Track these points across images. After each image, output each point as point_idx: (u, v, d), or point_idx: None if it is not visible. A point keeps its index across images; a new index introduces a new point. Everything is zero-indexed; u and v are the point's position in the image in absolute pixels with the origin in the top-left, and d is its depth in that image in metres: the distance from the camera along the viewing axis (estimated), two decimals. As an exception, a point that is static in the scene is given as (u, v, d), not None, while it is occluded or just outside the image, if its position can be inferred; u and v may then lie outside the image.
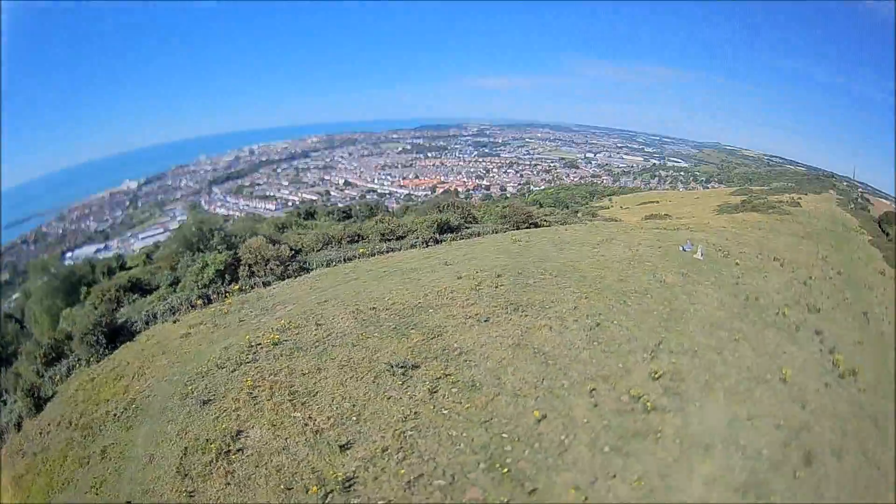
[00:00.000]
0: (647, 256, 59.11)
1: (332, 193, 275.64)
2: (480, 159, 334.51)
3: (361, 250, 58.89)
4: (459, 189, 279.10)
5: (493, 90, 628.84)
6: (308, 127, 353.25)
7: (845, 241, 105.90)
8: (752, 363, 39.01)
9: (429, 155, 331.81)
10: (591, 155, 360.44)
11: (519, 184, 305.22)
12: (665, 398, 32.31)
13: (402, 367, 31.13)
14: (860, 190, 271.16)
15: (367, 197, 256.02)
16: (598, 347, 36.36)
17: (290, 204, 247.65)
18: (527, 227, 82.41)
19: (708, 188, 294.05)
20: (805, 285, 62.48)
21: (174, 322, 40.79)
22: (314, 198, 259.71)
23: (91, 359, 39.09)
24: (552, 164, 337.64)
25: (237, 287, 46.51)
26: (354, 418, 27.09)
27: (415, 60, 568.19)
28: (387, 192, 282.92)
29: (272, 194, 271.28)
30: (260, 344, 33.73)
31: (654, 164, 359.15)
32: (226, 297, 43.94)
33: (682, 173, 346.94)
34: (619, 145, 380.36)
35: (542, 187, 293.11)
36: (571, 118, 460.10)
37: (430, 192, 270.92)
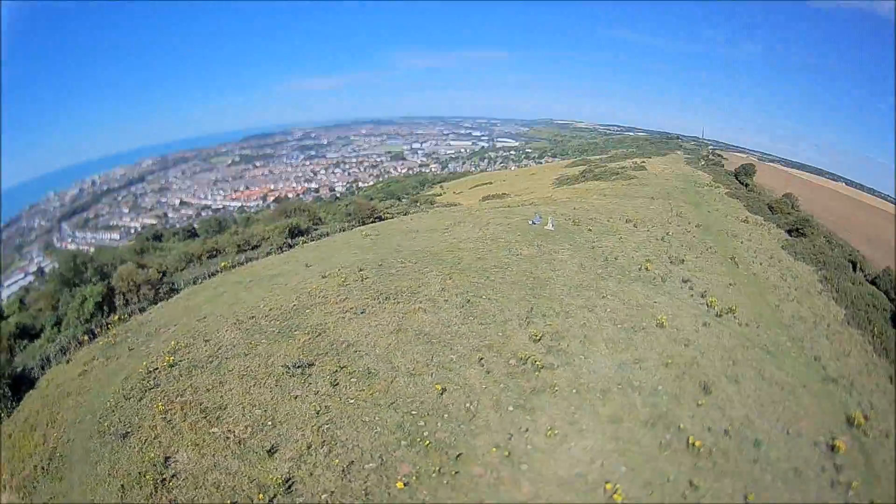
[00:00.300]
0: (498, 234, 61.15)
1: (170, 215, 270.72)
2: (308, 162, 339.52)
3: (223, 264, 58.30)
4: (290, 195, 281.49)
5: (317, 91, 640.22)
6: (144, 149, 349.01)
7: (700, 197, 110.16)
8: (625, 315, 41.65)
9: (257, 165, 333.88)
10: (417, 145, 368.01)
11: (347, 182, 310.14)
12: (550, 356, 34.42)
13: (298, 366, 31.66)
14: (710, 147, 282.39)
15: (203, 214, 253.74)
16: (474, 321, 38.13)
17: (132, 231, 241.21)
18: (372, 222, 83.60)
19: (541, 163, 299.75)
20: (663, 241, 65.72)
21: (67, 362, 39.10)
22: (153, 222, 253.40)
23: (2, 414, 38.01)
24: (379, 159, 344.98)
25: (117, 317, 45.06)
26: (270, 423, 27.43)
27: (237, 69, 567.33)
28: (220, 206, 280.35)
29: (115, 223, 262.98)
30: (157, 368, 33.35)
31: (483, 147, 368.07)
32: (109, 328, 42.84)
33: (512, 152, 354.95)
34: (444, 133, 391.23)
35: (371, 183, 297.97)
36: (396, 111, 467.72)
37: (261, 202, 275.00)
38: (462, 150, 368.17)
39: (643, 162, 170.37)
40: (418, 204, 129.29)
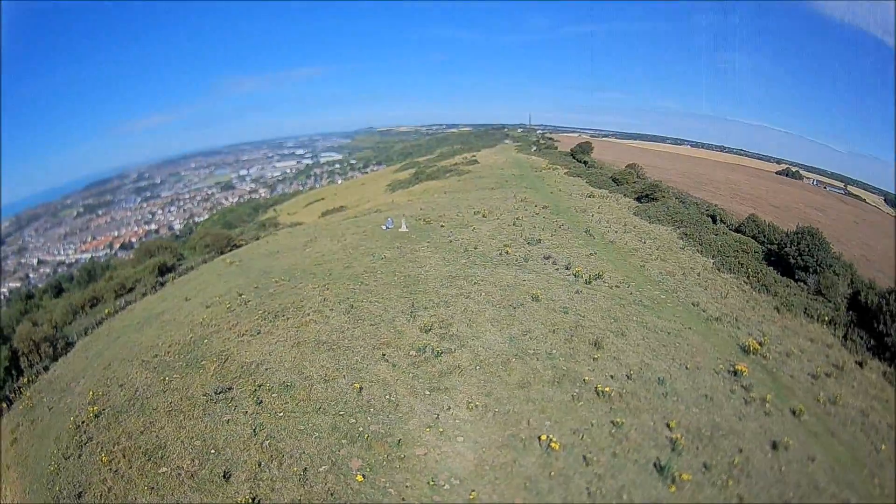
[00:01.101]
0: (357, 243, 63.38)
1: (31, 276, 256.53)
2: (144, 204, 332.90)
3: (107, 311, 58.60)
4: (133, 240, 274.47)
5: (150, 128, 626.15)
6: (4, 208, 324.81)
7: (540, 180, 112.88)
8: (500, 296, 45.07)
9: (99, 213, 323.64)
10: (244, 172, 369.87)
11: (184, 219, 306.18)
12: (445, 342, 37.47)
13: (219, 392, 32.71)
14: (539, 132, 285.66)
15: (59, 270, 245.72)
16: (364, 324, 40.42)
17: (1, 298, 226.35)
18: (230, 250, 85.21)
19: (367, 172, 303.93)
20: (515, 226, 69.16)
21: (-6, 435, 38.91)
22: (17, 284, 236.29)
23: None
24: (210, 192, 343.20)
25: (26, 380, 44.17)
26: (213, 451, 28.05)
27: (74, 116, 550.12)
28: (73, 260, 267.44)
29: None
30: (84, 421, 33.04)
31: (307, 164, 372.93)
32: (21, 392, 42.38)
33: (337, 165, 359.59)
34: (269, 155, 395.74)
35: (206, 217, 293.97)
36: (222, 140, 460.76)
37: (108, 250, 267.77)
38: (287, 170, 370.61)
39: (473, 156, 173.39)
40: (265, 227, 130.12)
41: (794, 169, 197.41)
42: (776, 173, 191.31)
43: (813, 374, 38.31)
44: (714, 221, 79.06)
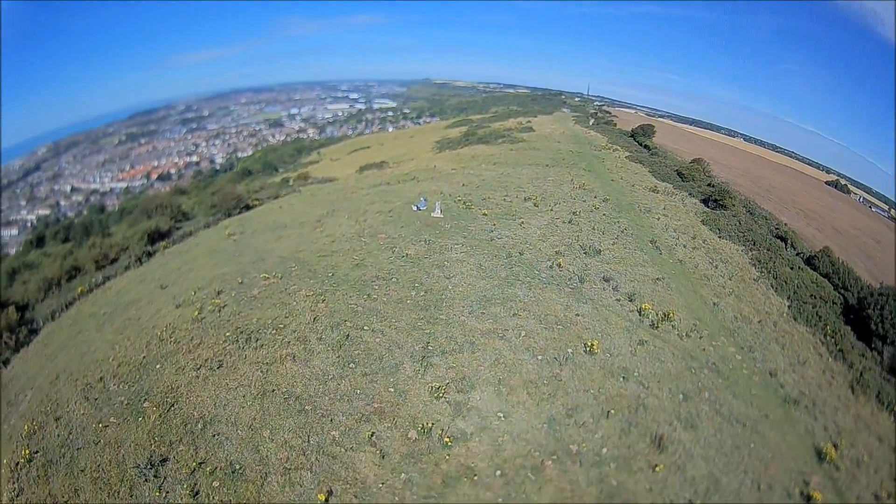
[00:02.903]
0: (378, 226, 53.94)
1: (62, 203, 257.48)
2: (189, 136, 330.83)
3: (80, 289, 53.30)
4: (171, 170, 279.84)
5: (201, 63, 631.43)
6: (41, 136, 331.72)
7: (599, 162, 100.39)
8: (545, 340, 35.22)
9: (142, 142, 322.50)
10: (294, 111, 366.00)
11: (226, 154, 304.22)
12: (460, 420, 28.16)
13: (151, 465, 25.52)
14: (597, 104, 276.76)
15: (91, 200, 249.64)
16: (356, 371, 31.41)
17: (28, 225, 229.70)
18: (239, 213, 78.65)
19: (419, 123, 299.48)
20: (572, 224, 58.25)
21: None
22: (47, 212, 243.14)
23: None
24: (257, 128, 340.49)
25: None
26: None
27: (124, 48, 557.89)
28: (107, 189, 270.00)
29: (14, 218, 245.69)
30: (18, 463, 27.67)
31: (360, 109, 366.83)
32: None
33: (389, 113, 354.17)
34: (322, 97, 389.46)
35: (250, 153, 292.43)
36: (275, 79, 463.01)
37: (145, 180, 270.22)
38: (339, 112, 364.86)
39: (529, 122, 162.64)
40: (290, 183, 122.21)
41: (842, 182, 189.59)
42: (826, 183, 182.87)
43: (876, 496, 29.49)
44: (785, 244, 69.64)
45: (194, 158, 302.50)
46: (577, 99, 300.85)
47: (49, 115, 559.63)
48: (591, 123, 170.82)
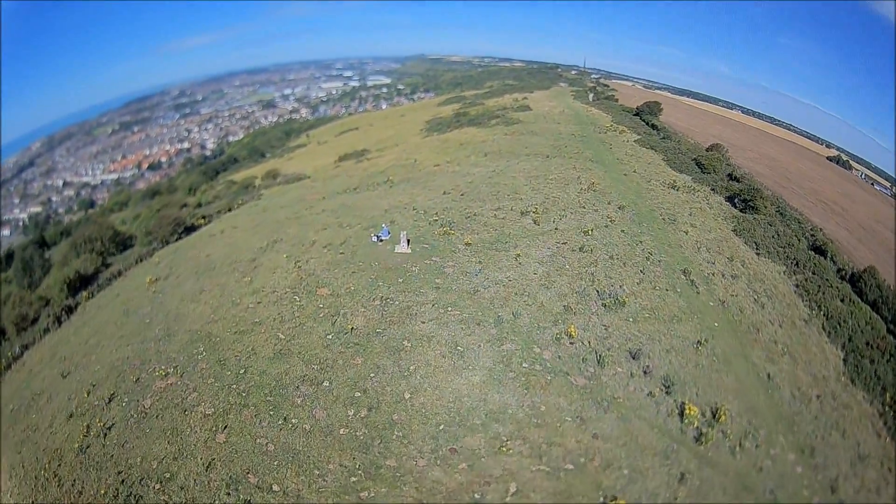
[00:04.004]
0: (321, 273, 42.99)
1: (53, 199, 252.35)
2: (182, 121, 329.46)
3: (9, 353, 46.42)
4: (163, 159, 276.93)
5: (195, 48, 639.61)
6: (36, 132, 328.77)
7: (606, 149, 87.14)
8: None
9: (135, 130, 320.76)
10: (288, 91, 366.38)
11: (217, 138, 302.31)
12: None
13: None
14: (594, 77, 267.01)
15: (82, 194, 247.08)
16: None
17: (21, 224, 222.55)
18: (177, 239, 69.31)
19: (413, 100, 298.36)
20: (583, 252, 45.81)
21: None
22: (38, 210, 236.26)
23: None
24: (250, 110, 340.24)
25: None
26: None
27: (116, 37, 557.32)
28: (98, 182, 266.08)
29: (6, 217, 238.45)
30: None
31: (353, 86, 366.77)
32: None
33: (384, 90, 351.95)
34: (315, 76, 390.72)
35: (240, 136, 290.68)
36: (269, 60, 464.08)
37: (136, 170, 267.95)
38: (333, 91, 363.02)
39: (525, 98, 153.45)
40: (256, 185, 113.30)
41: (844, 158, 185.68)
42: (828, 158, 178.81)
43: None
44: (825, 257, 59.37)
45: (185, 145, 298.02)
46: (573, 72, 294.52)
47: (44, 109, 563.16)
48: (591, 99, 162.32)
